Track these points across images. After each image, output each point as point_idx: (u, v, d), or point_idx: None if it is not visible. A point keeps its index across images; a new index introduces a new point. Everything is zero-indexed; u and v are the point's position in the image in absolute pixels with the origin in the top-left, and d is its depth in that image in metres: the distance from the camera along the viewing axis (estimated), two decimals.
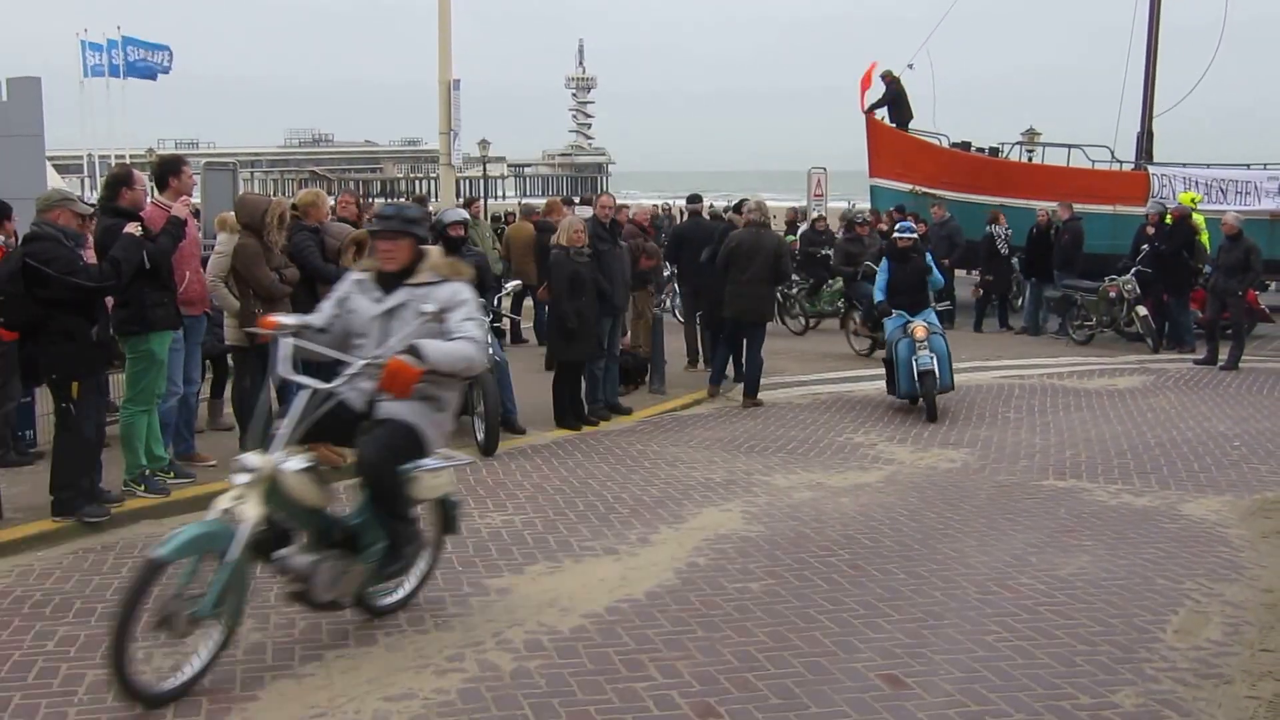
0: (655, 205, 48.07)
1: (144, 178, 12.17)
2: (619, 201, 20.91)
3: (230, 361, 14.86)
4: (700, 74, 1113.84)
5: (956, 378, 18.42)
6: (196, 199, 14.73)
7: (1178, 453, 15.14)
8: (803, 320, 28.28)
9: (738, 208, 21.06)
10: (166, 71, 45.34)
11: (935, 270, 19.17)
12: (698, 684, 7.72)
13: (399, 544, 8.51)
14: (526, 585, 9.84)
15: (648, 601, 9.40)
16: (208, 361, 15.41)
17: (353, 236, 14.82)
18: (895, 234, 19.03)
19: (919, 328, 17.67)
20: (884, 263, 18.73)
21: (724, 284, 18.65)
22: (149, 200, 12.36)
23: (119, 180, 12.05)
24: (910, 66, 33.65)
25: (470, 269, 9.19)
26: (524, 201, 40.61)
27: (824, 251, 28.14)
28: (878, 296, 18.58)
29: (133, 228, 11.30)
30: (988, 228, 28.42)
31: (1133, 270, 24.90)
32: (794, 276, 26.35)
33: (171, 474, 12.50)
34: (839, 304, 26.81)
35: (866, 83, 33.97)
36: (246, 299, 13.17)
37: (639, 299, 20.42)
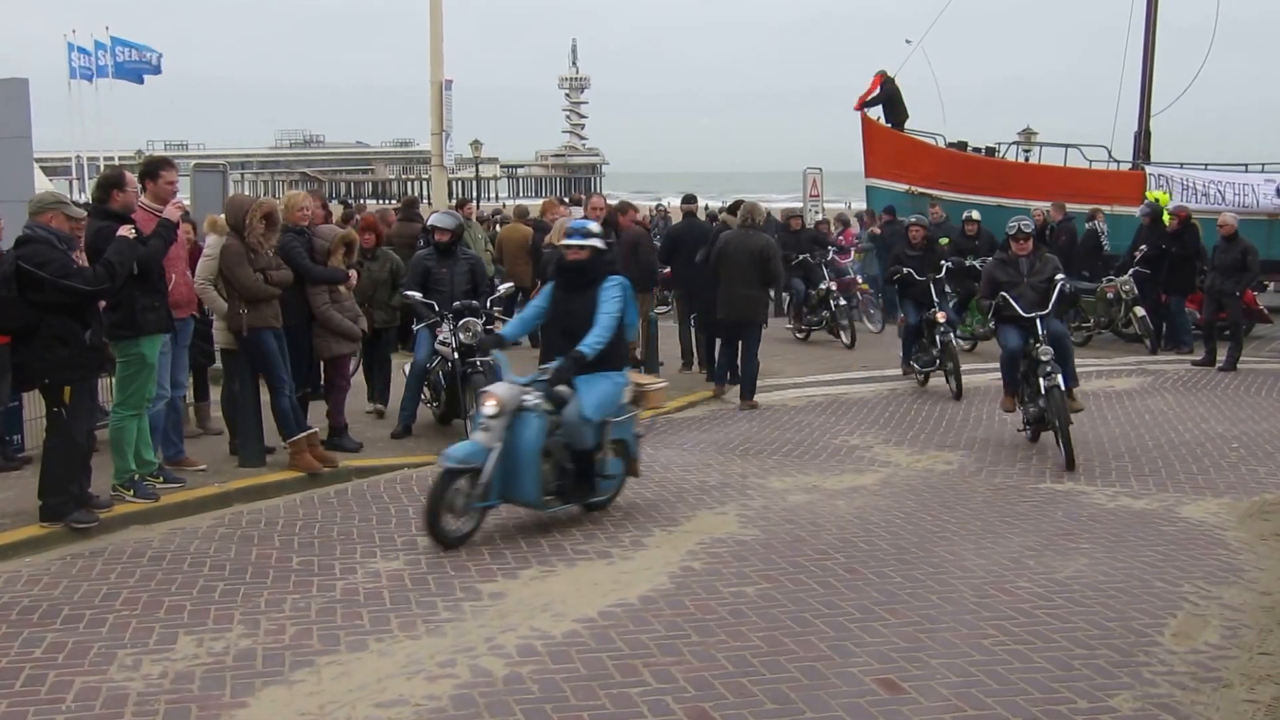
0: (650, 206, 48.11)
1: (135, 179, 12.15)
2: (628, 201, 20.93)
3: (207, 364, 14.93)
4: (694, 75, 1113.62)
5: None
6: (186, 201, 14.71)
7: (1176, 455, 15.15)
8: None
9: (732, 209, 21.03)
10: (157, 72, 45.35)
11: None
12: (692, 689, 7.71)
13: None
14: (519, 589, 9.83)
15: (642, 606, 9.40)
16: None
17: (341, 237, 14.82)
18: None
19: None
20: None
21: (716, 286, 18.70)
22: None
23: (110, 182, 12.04)
24: (907, 41, 33.73)
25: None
26: (517, 203, 40.75)
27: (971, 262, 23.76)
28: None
29: (126, 230, 11.29)
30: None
31: (1130, 271, 24.91)
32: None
33: (160, 479, 12.49)
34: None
35: (873, 89, 33.96)
36: (233, 300, 13.17)
37: (642, 301, 20.45)
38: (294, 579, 10.12)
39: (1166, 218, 25.62)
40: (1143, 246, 24.84)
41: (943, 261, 20.83)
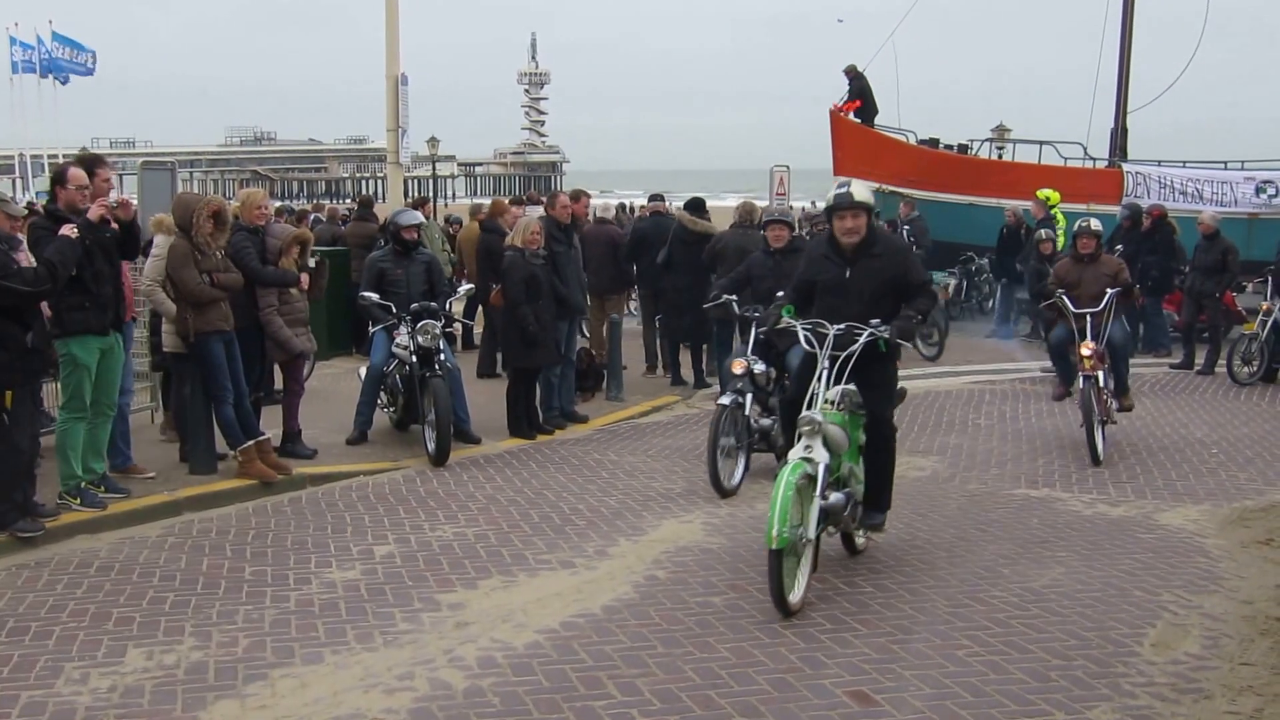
0: (615, 206, 48.03)
1: (83, 176, 12.05)
2: (580, 190, 20.88)
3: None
4: (658, 71, 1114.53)
5: (924, 383, 18.47)
6: (135, 200, 14.64)
7: (1154, 460, 15.22)
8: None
9: (688, 206, 20.99)
10: (89, 74, 45.19)
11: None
12: (658, 702, 7.72)
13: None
14: (480, 600, 9.83)
15: (606, 616, 9.41)
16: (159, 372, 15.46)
17: (294, 236, 14.78)
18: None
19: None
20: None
21: (683, 287, 18.81)
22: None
23: (54, 180, 12.01)
24: (840, 21, 33.87)
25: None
26: (474, 201, 40.69)
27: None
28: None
29: (68, 230, 11.23)
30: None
31: None
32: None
33: (102, 489, 12.41)
34: None
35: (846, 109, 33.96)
36: (180, 303, 13.11)
37: (610, 304, 20.46)
38: (247, 589, 10.10)
39: (1059, 216, 25.66)
40: (1119, 247, 24.91)
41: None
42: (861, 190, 10.84)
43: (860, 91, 33.56)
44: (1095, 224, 16.73)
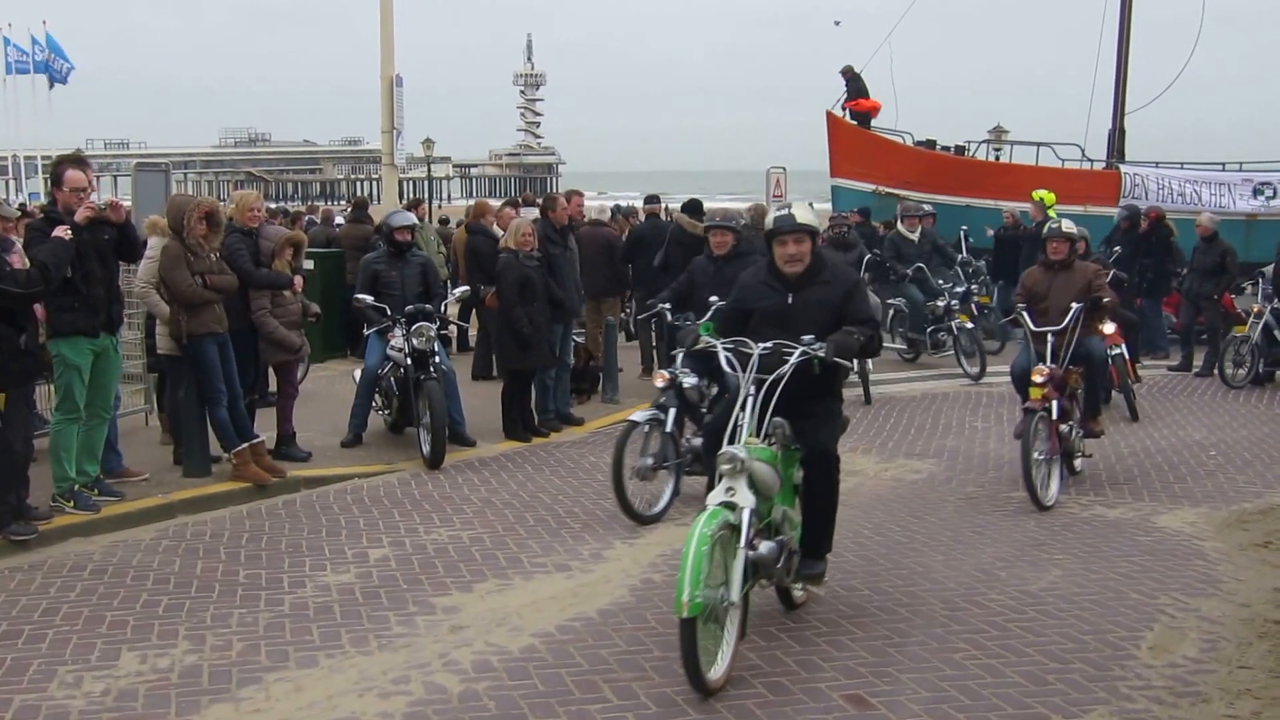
0: (610, 207, 47.99)
1: (83, 177, 12.03)
2: (574, 190, 20.91)
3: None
4: (654, 71, 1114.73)
5: (922, 385, 18.50)
6: (127, 201, 14.64)
7: (1151, 463, 15.23)
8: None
9: (686, 208, 21.01)
10: (62, 82, 45.19)
11: None
12: (654, 706, 7.72)
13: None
14: (475, 604, 9.83)
15: (601, 620, 9.41)
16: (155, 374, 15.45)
17: (287, 239, 14.78)
18: None
19: None
20: None
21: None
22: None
23: (51, 180, 12.02)
24: (837, 23, 33.84)
25: None
26: (469, 204, 40.85)
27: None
28: None
29: (62, 231, 11.22)
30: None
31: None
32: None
33: (95, 492, 12.40)
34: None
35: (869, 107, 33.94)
36: (173, 305, 13.10)
37: (606, 306, 20.44)
38: (241, 593, 10.10)
39: (1053, 214, 25.74)
40: (1116, 248, 24.89)
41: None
42: (804, 212, 9.60)
43: (857, 93, 33.57)
44: (1068, 225, 14.73)
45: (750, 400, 8.90)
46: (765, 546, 8.56)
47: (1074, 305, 13.90)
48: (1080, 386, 14.38)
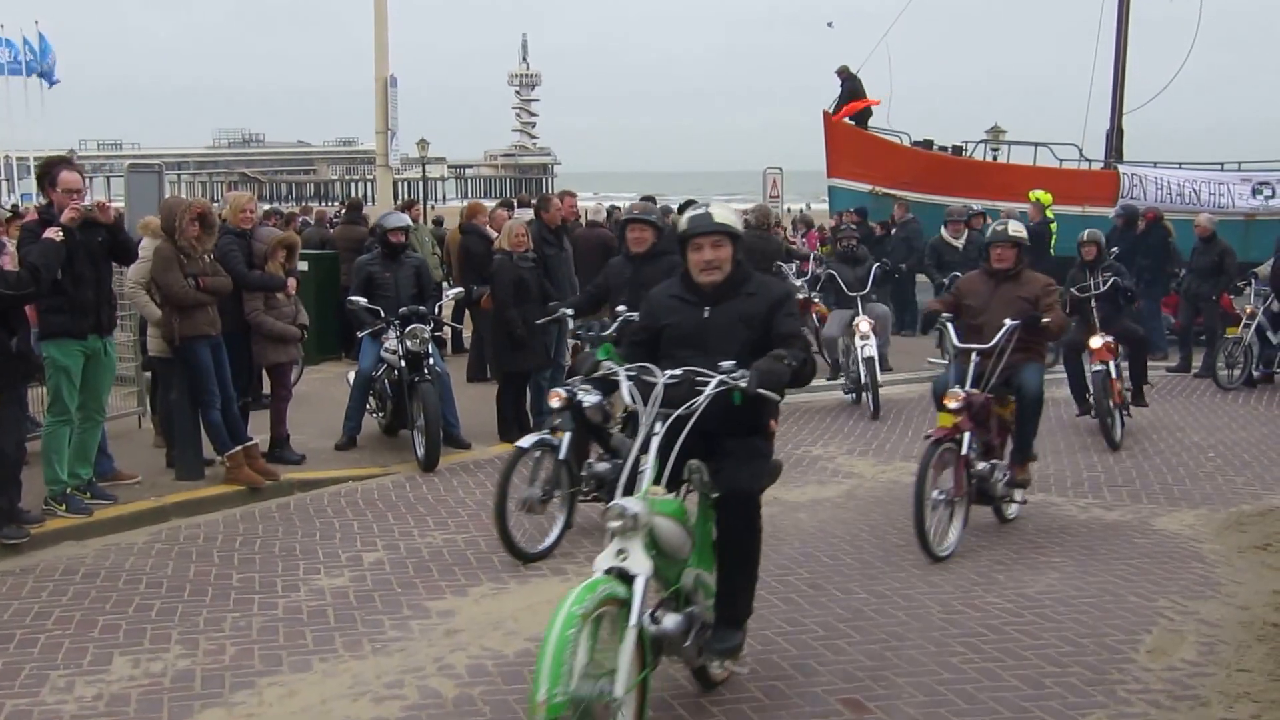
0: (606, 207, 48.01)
1: (75, 178, 12.01)
2: (566, 190, 20.90)
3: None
4: (650, 72, 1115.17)
5: (919, 387, 18.48)
6: (118, 202, 14.63)
7: (1150, 464, 15.24)
8: None
9: (682, 209, 21.05)
10: (49, 84, 45.16)
11: None
12: (650, 710, 7.69)
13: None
14: (469, 607, 9.82)
15: None
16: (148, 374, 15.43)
17: (279, 240, 14.78)
18: None
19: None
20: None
21: None
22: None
23: (42, 181, 12.02)
24: (829, 25, 33.83)
25: None
26: (463, 205, 40.95)
27: None
28: None
29: (52, 232, 11.22)
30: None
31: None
32: None
33: (88, 495, 12.39)
34: None
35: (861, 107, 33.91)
36: (165, 307, 13.09)
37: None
38: (234, 597, 10.09)
39: (1050, 214, 25.77)
40: (1114, 249, 24.88)
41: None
42: (724, 212, 8.18)
43: (853, 93, 33.55)
44: (1015, 228, 12.82)
45: (654, 441, 7.34)
46: (670, 621, 7.24)
47: (1007, 322, 12.00)
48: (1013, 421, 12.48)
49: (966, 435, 11.48)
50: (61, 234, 11.27)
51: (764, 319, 7.97)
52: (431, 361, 14.96)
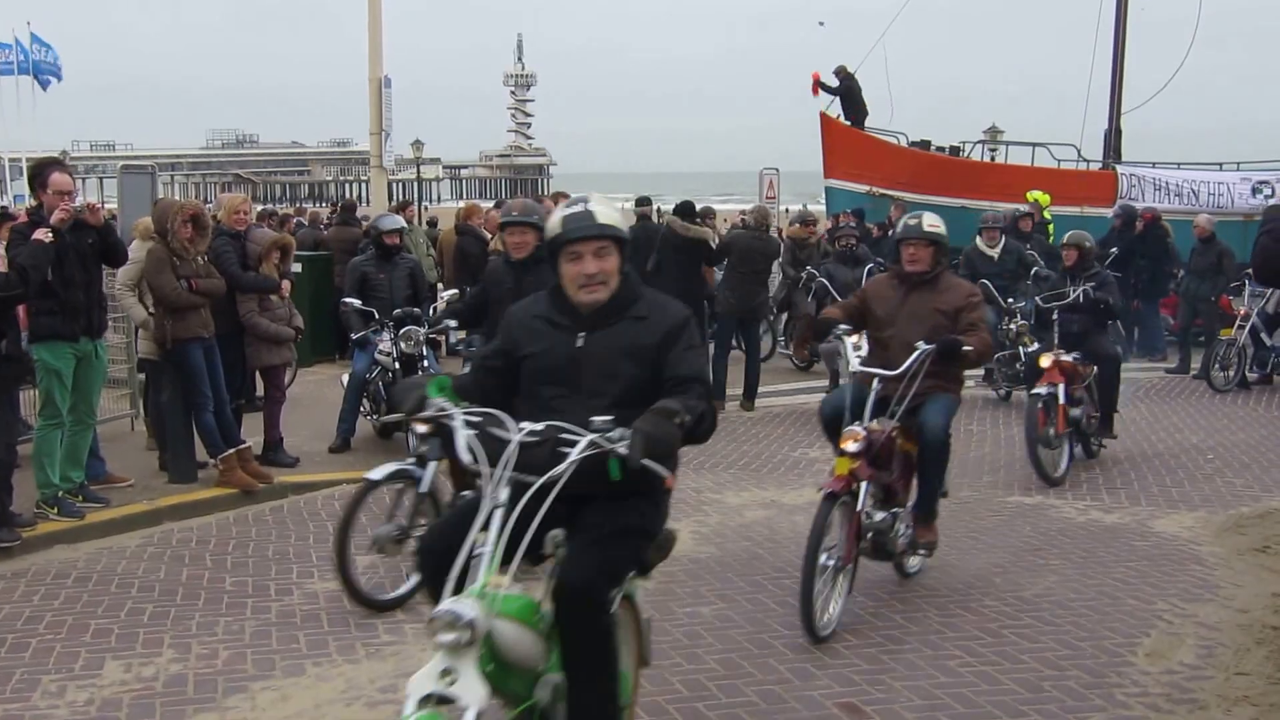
0: None
1: (66, 180, 12.00)
2: (560, 192, 20.88)
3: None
4: (647, 73, 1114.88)
5: None
6: (110, 204, 14.62)
7: (1148, 466, 15.23)
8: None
9: (678, 210, 21.02)
10: (58, 80, 45.15)
11: None
12: (645, 715, 7.69)
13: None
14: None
15: None
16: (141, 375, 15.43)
17: (274, 241, 14.77)
18: None
19: None
20: None
21: (696, 291, 19.12)
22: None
23: (33, 183, 12.02)
24: (821, 24, 33.88)
25: None
26: (459, 206, 40.83)
27: None
28: None
29: (42, 234, 11.20)
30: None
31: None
32: None
33: (80, 498, 12.38)
34: None
35: (815, 92, 33.86)
36: (158, 309, 13.08)
37: None
38: (227, 600, 10.08)
39: (1048, 215, 25.79)
40: (1113, 250, 24.89)
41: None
42: (609, 211, 6.35)
43: (849, 92, 33.53)
44: (931, 222, 10.73)
45: (499, 515, 5.65)
46: None
47: (920, 345, 9.81)
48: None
49: (864, 485, 9.48)
50: (51, 235, 11.27)
51: (655, 352, 6.26)
52: (426, 364, 14.94)
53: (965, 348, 9.80)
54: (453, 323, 13.37)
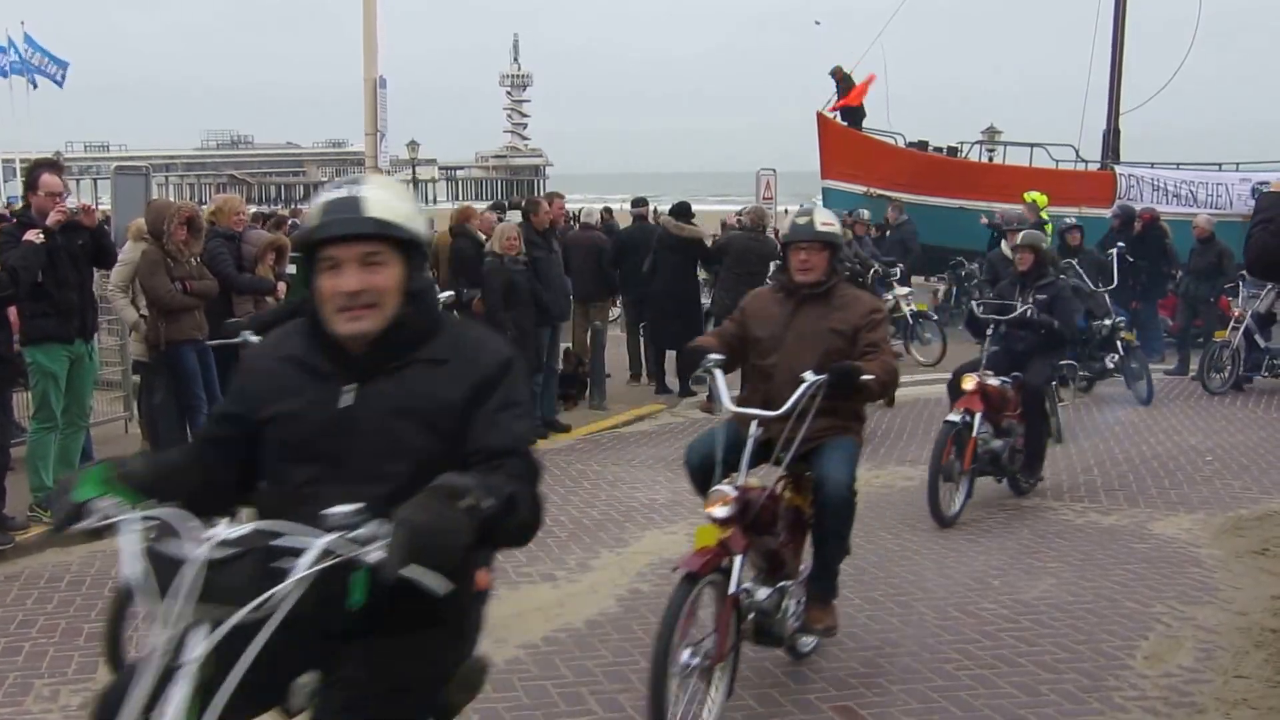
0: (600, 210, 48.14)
1: (57, 181, 12.00)
2: (554, 192, 20.90)
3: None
4: (644, 73, 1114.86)
5: (913, 390, 18.51)
6: (104, 205, 14.62)
7: (1147, 468, 15.22)
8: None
9: (673, 211, 21.02)
10: (58, 85, 45.21)
11: None
12: (640, 718, 7.69)
13: None
14: None
15: (588, 631, 9.40)
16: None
17: (269, 242, 14.77)
18: None
19: None
20: None
21: (667, 295, 18.96)
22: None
23: (26, 185, 12.02)
24: (817, 23, 33.94)
25: None
26: (455, 208, 40.66)
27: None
28: None
29: (33, 234, 11.20)
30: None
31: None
32: None
33: None
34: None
35: (862, 92, 33.89)
36: (151, 311, 13.08)
37: (595, 310, 20.39)
38: None
39: (1045, 216, 25.78)
40: (1112, 251, 24.86)
41: None
42: (385, 199, 4.29)
43: (847, 93, 33.58)
44: (824, 220, 8.49)
45: (187, 672, 3.85)
46: None
47: (808, 377, 7.73)
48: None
49: (738, 559, 7.38)
50: (43, 236, 11.27)
51: (458, 413, 4.32)
52: None
53: (865, 376, 7.75)
54: (254, 336, 10.01)
